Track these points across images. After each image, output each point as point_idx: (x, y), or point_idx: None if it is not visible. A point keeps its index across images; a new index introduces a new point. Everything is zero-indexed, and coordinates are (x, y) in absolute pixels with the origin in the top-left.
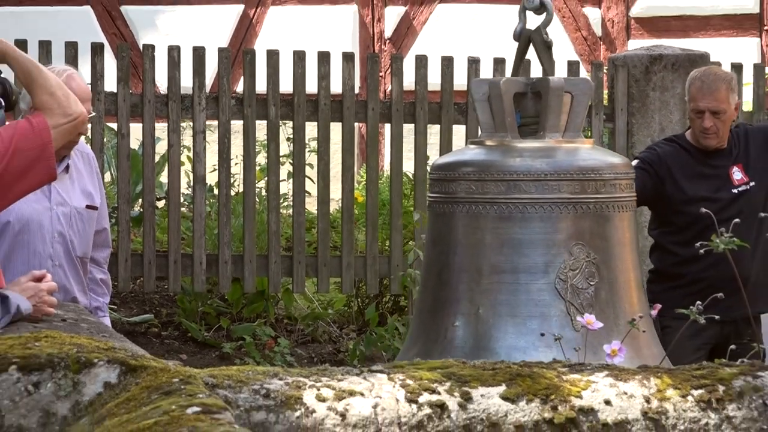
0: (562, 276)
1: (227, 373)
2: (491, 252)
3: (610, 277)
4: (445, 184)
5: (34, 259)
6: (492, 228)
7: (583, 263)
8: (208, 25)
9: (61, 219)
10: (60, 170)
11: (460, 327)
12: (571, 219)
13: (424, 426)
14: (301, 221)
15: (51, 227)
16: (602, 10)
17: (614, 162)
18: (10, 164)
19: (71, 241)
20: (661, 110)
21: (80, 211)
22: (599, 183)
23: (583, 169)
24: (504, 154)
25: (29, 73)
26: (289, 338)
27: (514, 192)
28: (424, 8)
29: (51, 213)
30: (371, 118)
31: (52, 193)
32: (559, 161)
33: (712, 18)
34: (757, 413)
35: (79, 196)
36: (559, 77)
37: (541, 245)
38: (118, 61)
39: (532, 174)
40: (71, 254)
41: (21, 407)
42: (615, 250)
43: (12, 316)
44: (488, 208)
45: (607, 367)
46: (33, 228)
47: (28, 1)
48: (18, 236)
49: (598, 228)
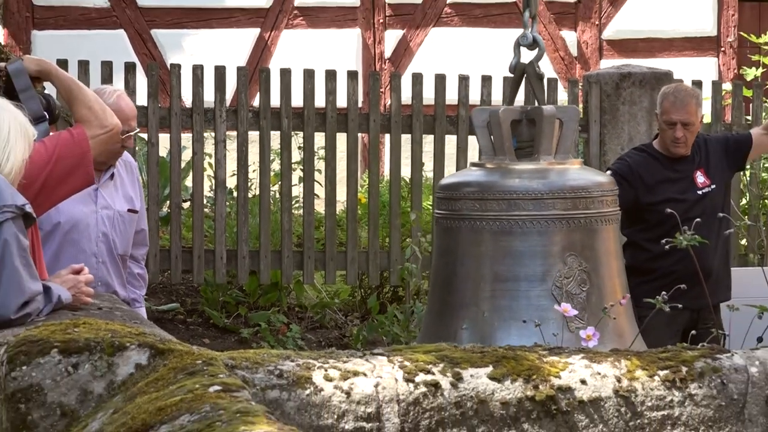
0: (557, 283)
1: (245, 356)
2: (494, 262)
3: (599, 283)
4: (451, 202)
5: (81, 256)
6: (494, 241)
7: (575, 271)
8: (228, 46)
9: (105, 221)
10: (105, 178)
11: (467, 329)
12: (565, 232)
13: (419, 403)
14: (311, 220)
15: (96, 228)
16: (578, 33)
17: (601, 181)
18: (53, 170)
19: (113, 241)
20: (629, 122)
21: (122, 214)
22: (588, 200)
23: (574, 188)
24: (503, 176)
25: (70, 89)
26: (300, 325)
27: (514, 209)
28: (420, 32)
29: (96, 215)
30: (373, 129)
31: (98, 197)
32: (553, 181)
33: (675, 40)
34: (716, 391)
35: (121, 201)
36: (551, 106)
37: (539, 256)
38: (149, 79)
39: (529, 193)
40: (113, 252)
41: (62, 386)
42: (603, 259)
43: (54, 305)
44: (491, 223)
45: (583, 350)
46: (80, 228)
47: (68, 25)
48: (67, 235)
49: (588, 240)
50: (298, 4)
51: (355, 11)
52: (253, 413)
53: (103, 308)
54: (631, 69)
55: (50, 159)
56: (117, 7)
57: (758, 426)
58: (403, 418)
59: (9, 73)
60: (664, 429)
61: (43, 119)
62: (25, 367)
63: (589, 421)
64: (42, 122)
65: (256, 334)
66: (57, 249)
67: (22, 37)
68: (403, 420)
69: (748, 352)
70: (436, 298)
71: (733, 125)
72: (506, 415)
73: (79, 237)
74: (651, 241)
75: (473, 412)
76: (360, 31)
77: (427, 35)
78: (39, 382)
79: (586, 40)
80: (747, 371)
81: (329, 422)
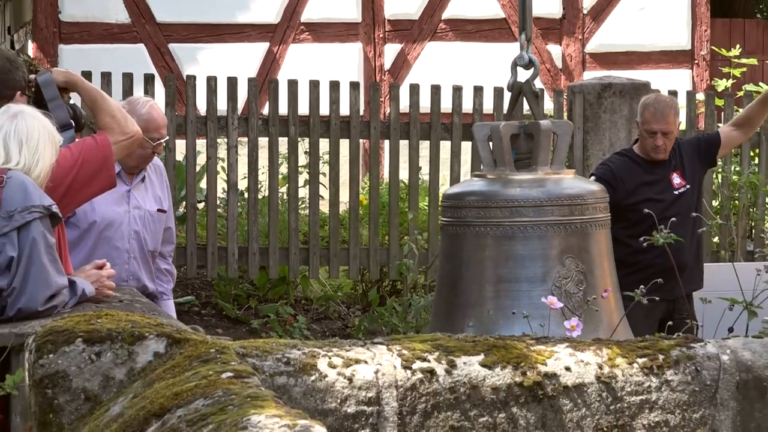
0: (557, 284)
1: (255, 345)
2: (498, 265)
3: (594, 282)
4: (456, 210)
5: (114, 252)
6: (497, 246)
7: (573, 272)
8: (240, 59)
9: (137, 220)
10: (137, 180)
11: (473, 327)
12: (563, 237)
13: (416, 388)
14: (316, 220)
15: (128, 227)
16: (562, 47)
17: (594, 189)
18: (79, 173)
19: (144, 238)
20: (610, 129)
21: (152, 213)
22: (583, 207)
23: (571, 196)
24: (506, 185)
25: (94, 99)
26: (306, 316)
27: (516, 216)
28: (417, 45)
29: (129, 215)
30: (373, 136)
31: (131, 198)
32: (551, 190)
33: (652, 53)
34: (691, 377)
35: (151, 202)
36: (548, 121)
37: (540, 259)
38: (166, 89)
39: (530, 201)
40: (144, 249)
41: (86, 372)
42: (597, 260)
43: (78, 297)
44: (494, 229)
45: (567, 339)
46: (114, 227)
47: (92, 40)
48: (102, 233)
49: (583, 243)
50: (304, 20)
51: (356, 27)
52: (263, 398)
53: (124, 301)
54: (612, 80)
55: (75, 163)
56: (137, 23)
57: (729, 409)
58: (401, 402)
59: (38, 84)
60: (642, 412)
61: (70, 127)
62: (52, 355)
63: (573, 405)
64: (69, 129)
65: (266, 324)
66: (93, 245)
67: (49, 50)
68: (401, 404)
69: (720, 341)
70: (442, 300)
71: (706, 131)
72: (496, 399)
73: (112, 235)
74: (632, 237)
75: (466, 396)
76: (361, 45)
77: (423, 49)
78: (65, 369)
79: (570, 53)
80: (719, 359)
81: (333, 406)
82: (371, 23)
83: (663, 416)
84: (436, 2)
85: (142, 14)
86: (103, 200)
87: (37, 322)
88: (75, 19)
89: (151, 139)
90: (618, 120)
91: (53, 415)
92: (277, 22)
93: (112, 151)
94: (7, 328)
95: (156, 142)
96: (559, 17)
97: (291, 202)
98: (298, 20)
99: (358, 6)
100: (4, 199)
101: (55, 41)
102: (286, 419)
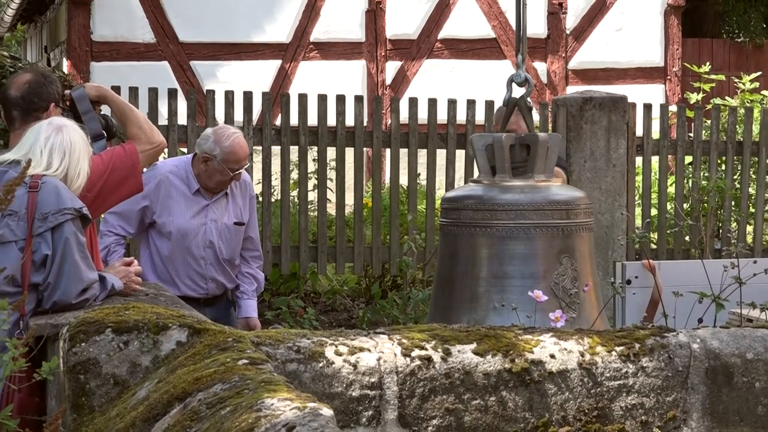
0: (556, 280)
1: (268, 334)
2: (503, 263)
3: (584, 279)
4: (456, 212)
5: (190, 258)
6: (504, 245)
7: (569, 270)
8: (255, 75)
9: (213, 231)
10: (218, 197)
11: (480, 320)
12: (561, 238)
13: (415, 374)
14: (324, 221)
15: (204, 237)
16: (547, 64)
17: (581, 195)
18: (109, 179)
19: (219, 248)
20: (591, 138)
21: (229, 226)
22: (576, 211)
23: (567, 201)
24: (509, 191)
25: (123, 111)
26: (315, 308)
27: (521, 219)
28: (415, 63)
29: (205, 227)
30: (376, 145)
31: (209, 213)
32: (551, 195)
33: (629, 70)
34: (664, 364)
35: (230, 215)
36: (545, 134)
37: (541, 258)
38: (188, 102)
39: (534, 205)
40: (218, 257)
41: (114, 359)
42: (585, 260)
43: (108, 291)
44: (501, 230)
45: (552, 330)
46: (189, 237)
47: (121, 57)
48: (178, 242)
49: (576, 244)
50: (313, 39)
51: (360, 46)
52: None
53: (149, 294)
54: (593, 94)
55: (106, 170)
56: (162, 43)
57: (699, 393)
58: (401, 387)
59: (73, 98)
60: (620, 396)
61: (102, 137)
62: (84, 344)
63: (557, 389)
64: (101, 139)
65: (278, 316)
66: (171, 250)
67: (82, 67)
68: (401, 388)
69: (690, 331)
70: (440, 295)
71: (678, 141)
72: (488, 384)
73: (188, 243)
74: None
75: (460, 381)
76: (365, 62)
77: (421, 66)
78: (95, 356)
79: (555, 70)
80: (690, 347)
81: (339, 390)
82: (374, 42)
83: (639, 399)
84: (433, 23)
85: (166, 34)
86: (181, 213)
87: (70, 314)
88: (105, 39)
89: (230, 169)
90: (598, 130)
91: (85, 398)
92: (289, 41)
93: (139, 158)
94: (44, 319)
95: (235, 172)
96: (545, 37)
97: (301, 205)
98: (307, 40)
99: (362, 27)
100: (39, 202)
101: (88, 59)
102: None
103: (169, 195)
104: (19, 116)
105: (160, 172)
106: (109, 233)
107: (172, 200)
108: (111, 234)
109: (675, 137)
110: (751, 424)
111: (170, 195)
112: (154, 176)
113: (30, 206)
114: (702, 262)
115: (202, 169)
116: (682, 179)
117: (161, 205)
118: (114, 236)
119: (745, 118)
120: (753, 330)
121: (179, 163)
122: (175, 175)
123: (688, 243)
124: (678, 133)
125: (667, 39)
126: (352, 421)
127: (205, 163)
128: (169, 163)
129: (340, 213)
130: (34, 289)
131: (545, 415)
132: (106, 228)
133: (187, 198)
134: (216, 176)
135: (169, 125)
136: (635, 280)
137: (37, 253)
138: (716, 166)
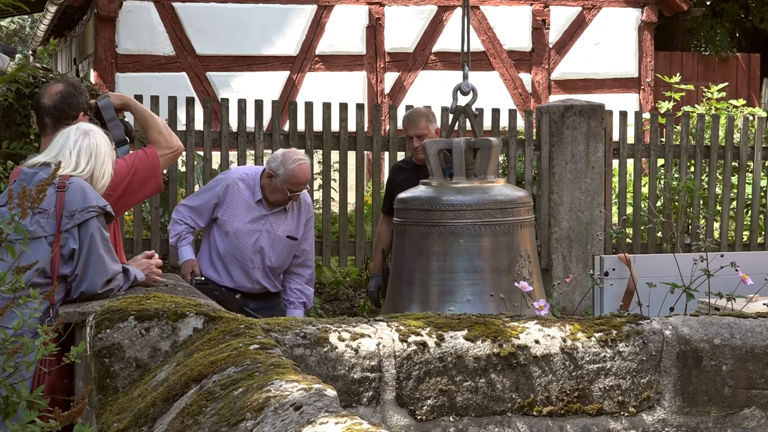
0: (518, 271)
1: (277, 322)
2: (474, 258)
3: (532, 269)
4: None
5: (240, 258)
6: (472, 242)
7: (525, 261)
8: (265, 85)
9: (265, 239)
10: (277, 210)
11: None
12: (519, 233)
13: (411, 358)
14: (328, 218)
15: (256, 243)
16: (532, 75)
17: (522, 195)
18: (132, 180)
19: (268, 256)
20: (572, 143)
21: (281, 238)
22: (526, 209)
23: (519, 199)
24: (471, 192)
25: (145, 118)
26: (320, 297)
27: (486, 217)
28: (411, 74)
29: (259, 234)
30: (375, 149)
31: (266, 222)
32: (509, 194)
33: (606, 80)
34: (639, 349)
35: (284, 228)
36: (495, 138)
37: (505, 252)
38: (204, 110)
39: (498, 204)
40: (265, 263)
41: (136, 344)
42: (532, 251)
43: (131, 282)
44: (466, 228)
45: (536, 317)
46: (242, 240)
47: (143, 69)
48: (235, 242)
49: (527, 238)
50: (318, 52)
51: (362, 58)
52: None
53: (169, 285)
54: (573, 102)
55: (129, 171)
56: (180, 55)
57: (671, 375)
58: (398, 370)
59: (99, 106)
60: (599, 378)
61: (125, 143)
62: (109, 330)
63: (541, 372)
64: (124, 145)
65: None
66: (227, 248)
67: (108, 78)
68: (398, 371)
69: (663, 319)
70: (393, 286)
71: (651, 145)
72: (478, 367)
73: (242, 246)
74: None
75: (452, 365)
76: (365, 73)
77: (416, 77)
78: (119, 341)
79: (538, 80)
80: (662, 333)
81: (342, 373)
82: (374, 55)
83: (616, 381)
84: (428, 38)
85: (185, 48)
86: (240, 217)
87: (96, 303)
88: (129, 52)
89: (289, 190)
90: (578, 135)
91: (110, 380)
92: (296, 54)
93: (159, 161)
94: (72, 307)
95: (293, 193)
96: (529, 50)
97: None
98: (313, 53)
99: (363, 41)
100: (67, 200)
101: (113, 70)
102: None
103: (234, 198)
104: (51, 123)
105: (230, 176)
106: (180, 222)
107: (235, 204)
108: (182, 223)
109: (648, 142)
110: (719, 404)
111: (234, 199)
112: (224, 179)
113: (58, 205)
114: (674, 255)
115: (266, 183)
116: (654, 180)
117: (226, 205)
118: (185, 225)
119: (712, 124)
120: (720, 318)
121: (250, 171)
122: (244, 182)
123: (661, 238)
124: (651, 138)
125: (641, 52)
126: (354, 401)
127: (270, 179)
128: (241, 170)
129: (342, 211)
130: (62, 280)
131: (530, 395)
132: (178, 217)
133: (248, 205)
134: (276, 193)
135: (186, 131)
136: (612, 272)
137: (65, 247)
138: (686, 168)
